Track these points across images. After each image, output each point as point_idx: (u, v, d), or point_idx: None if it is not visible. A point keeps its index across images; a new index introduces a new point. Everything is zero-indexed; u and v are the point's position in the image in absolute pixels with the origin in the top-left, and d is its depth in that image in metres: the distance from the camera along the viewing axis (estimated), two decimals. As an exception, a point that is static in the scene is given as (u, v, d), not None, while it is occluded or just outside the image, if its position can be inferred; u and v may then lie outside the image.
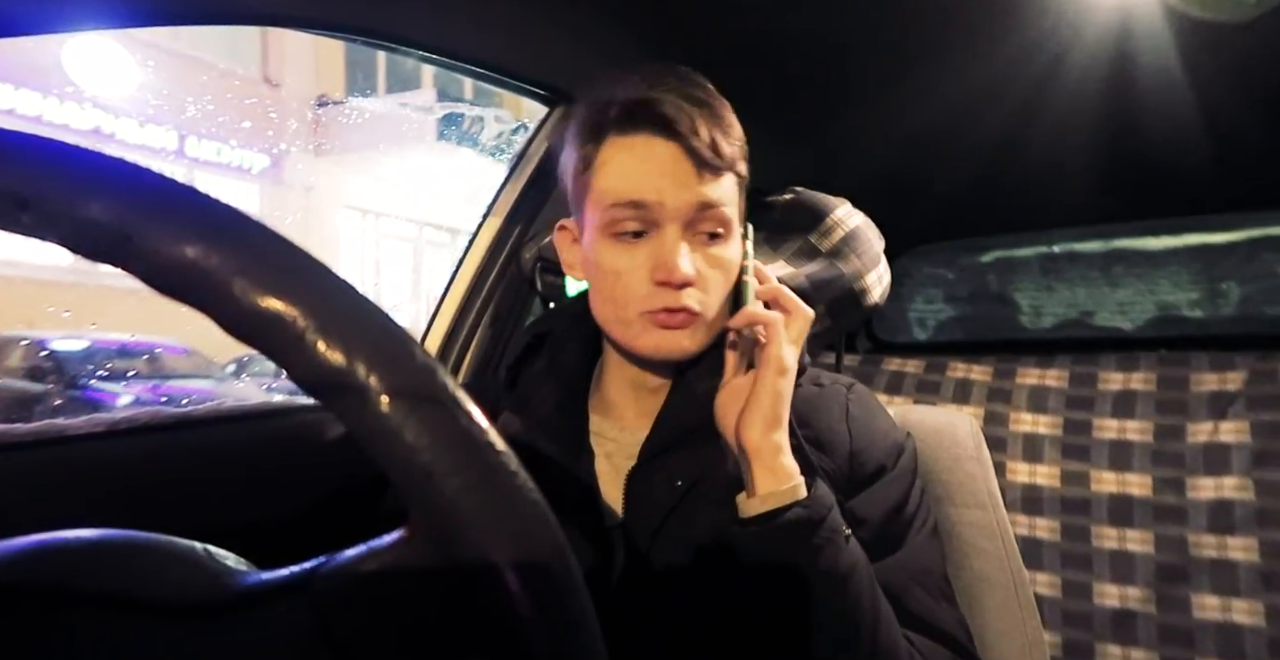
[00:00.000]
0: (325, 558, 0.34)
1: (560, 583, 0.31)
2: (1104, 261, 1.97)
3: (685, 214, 0.84)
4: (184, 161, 10.07)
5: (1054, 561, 1.40)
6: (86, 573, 0.33)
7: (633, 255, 0.86)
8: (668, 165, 0.84)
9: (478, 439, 0.30)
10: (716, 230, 0.86)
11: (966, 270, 2.17)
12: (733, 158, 0.86)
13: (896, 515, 0.90)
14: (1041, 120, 1.47)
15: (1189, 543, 1.31)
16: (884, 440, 0.94)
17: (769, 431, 0.80)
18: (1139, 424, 1.42)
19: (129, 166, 0.29)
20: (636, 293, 0.86)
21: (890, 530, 0.90)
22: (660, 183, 0.83)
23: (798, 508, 0.77)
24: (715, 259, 0.87)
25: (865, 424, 0.94)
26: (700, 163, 0.83)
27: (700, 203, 0.84)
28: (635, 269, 0.85)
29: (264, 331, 0.28)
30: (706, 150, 0.83)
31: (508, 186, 1.40)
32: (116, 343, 7.31)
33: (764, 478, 0.79)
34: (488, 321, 1.42)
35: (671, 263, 0.83)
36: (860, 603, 0.78)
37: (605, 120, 0.86)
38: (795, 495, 0.78)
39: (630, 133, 0.85)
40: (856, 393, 0.99)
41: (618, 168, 0.86)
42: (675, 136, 0.83)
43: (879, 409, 0.99)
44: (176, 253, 0.28)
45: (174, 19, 0.87)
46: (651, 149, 0.84)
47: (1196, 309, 1.87)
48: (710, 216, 0.85)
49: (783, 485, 0.79)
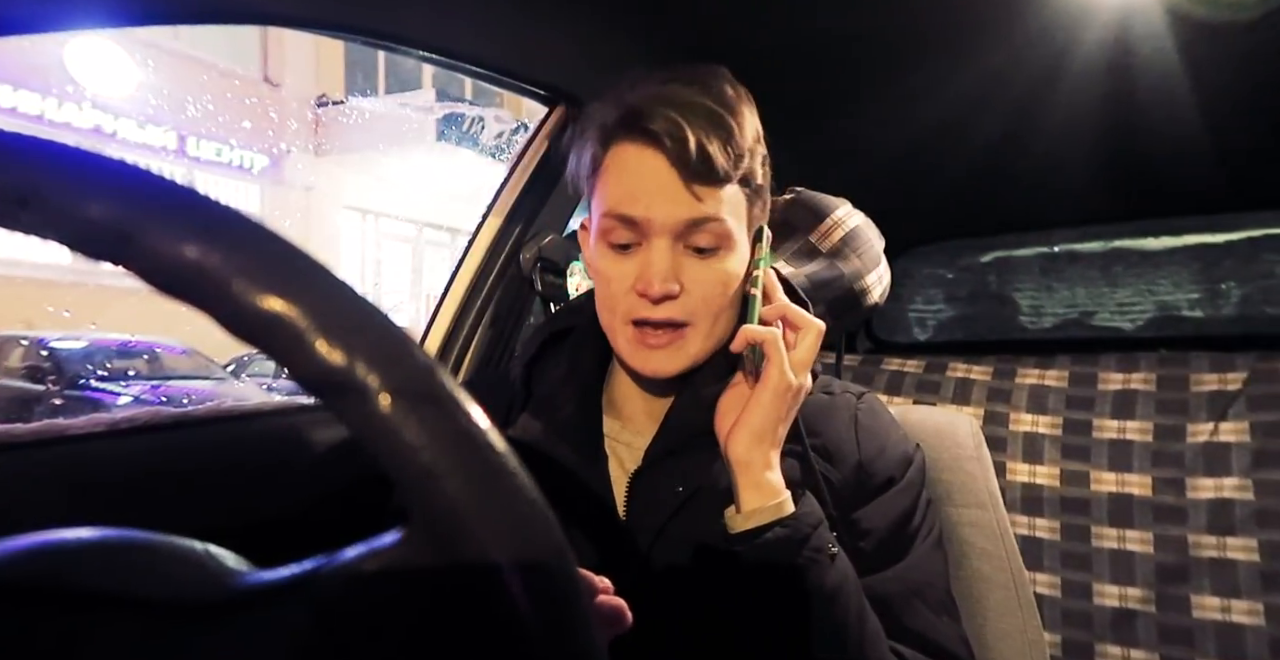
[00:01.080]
0: (325, 557, 0.34)
1: (561, 583, 0.31)
2: (1104, 261, 1.97)
3: (674, 228, 0.83)
4: (184, 161, 10.08)
5: (1054, 561, 1.40)
6: (86, 572, 0.32)
7: (622, 264, 0.85)
8: (656, 178, 0.82)
9: (478, 438, 0.30)
10: (712, 244, 0.84)
11: (966, 270, 2.17)
12: (730, 168, 0.82)
13: (902, 527, 0.90)
14: (1042, 120, 1.47)
15: (1189, 543, 1.31)
16: (893, 451, 0.93)
17: (755, 446, 0.80)
18: (1139, 424, 1.41)
19: (129, 167, 0.29)
20: (621, 301, 0.86)
21: (894, 541, 0.89)
22: (649, 197, 0.82)
23: (778, 527, 0.77)
24: (710, 271, 0.85)
25: (874, 434, 0.93)
26: (691, 175, 0.81)
27: (690, 219, 0.82)
28: (623, 277, 0.85)
29: (264, 331, 0.28)
30: (697, 162, 0.80)
31: (508, 186, 1.40)
32: (116, 343, 7.33)
33: (749, 493, 0.79)
34: (488, 322, 1.42)
35: (649, 276, 0.83)
36: (846, 619, 0.78)
37: (608, 124, 0.85)
38: (779, 513, 0.78)
39: (626, 141, 0.84)
40: (867, 403, 0.97)
41: (614, 177, 0.85)
42: (662, 148, 0.81)
43: (889, 419, 0.98)
44: (177, 252, 0.28)
45: (174, 18, 0.87)
46: (643, 160, 0.83)
47: (1196, 309, 1.87)
48: (704, 230, 0.83)
49: (767, 501, 0.78)
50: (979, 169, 1.72)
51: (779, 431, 0.82)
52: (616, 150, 0.85)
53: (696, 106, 0.82)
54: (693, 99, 0.82)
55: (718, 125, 0.82)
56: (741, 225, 0.87)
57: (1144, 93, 1.34)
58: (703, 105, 0.82)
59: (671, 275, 0.83)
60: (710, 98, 0.83)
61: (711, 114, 0.82)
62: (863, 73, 1.40)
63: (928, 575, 0.89)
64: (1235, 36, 1.17)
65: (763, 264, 0.90)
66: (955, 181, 1.78)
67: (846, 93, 1.48)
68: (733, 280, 0.86)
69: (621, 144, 0.84)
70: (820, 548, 0.78)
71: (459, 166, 10.93)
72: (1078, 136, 1.53)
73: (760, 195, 0.90)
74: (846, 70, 1.39)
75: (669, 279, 0.83)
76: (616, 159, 0.85)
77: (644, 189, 0.82)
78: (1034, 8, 1.16)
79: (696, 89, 0.83)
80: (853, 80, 1.43)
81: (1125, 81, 1.32)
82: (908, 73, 1.37)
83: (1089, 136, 1.53)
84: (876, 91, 1.45)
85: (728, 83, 0.86)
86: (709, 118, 0.81)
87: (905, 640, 0.85)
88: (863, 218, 1.33)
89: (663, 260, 0.83)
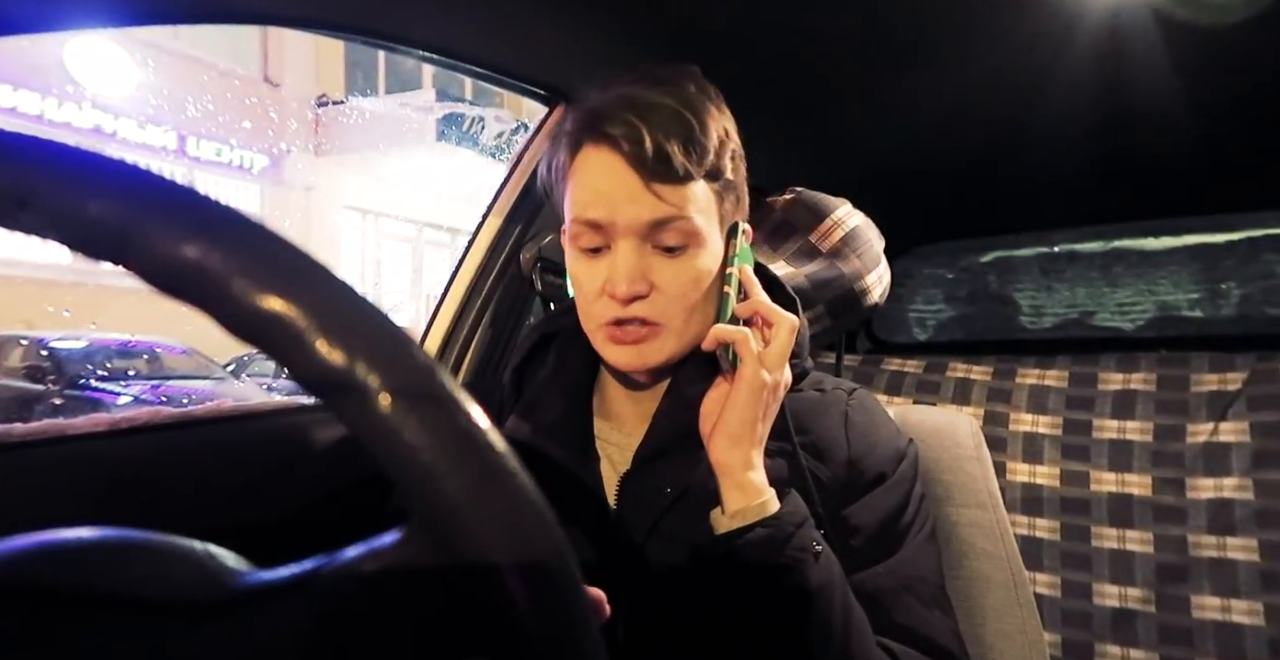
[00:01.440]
0: (326, 557, 0.34)
1: (560, 582, 0.31)
2: (1104, 261, 1.97)
3: (638, 229, 0.83)
4: (184, 161, 10.09)
5: (1054, 561, 1.40)
6: (86, 572, 0.33)
7: (593, 268, 0.86)
8: (617, 180, 0.83)
9: (478, 439, 0.30)
10: (679, 243, 0.85)
11: (966, 270, 2.18)
12: (692, 166, 0.82)
13: (893, 522, 0.90)
14: (1041, 119, 1.47)
15: (1189, 543, 1.31)
16: (884, 448, 0.93)
17: (734, 447, 0.80)
18: (1139, 424, 1.42)
19: (129, 167, 0.29)
20: (594, 303, 0.87)
21: (885, 537, 0.89)
22: (611, 200, 0.83)
23: (760, 527, 0.77)
24: (680, 269, 0.85)
25: (865, 431, 0.93)
26: (651, 175, 0.82)
27: (653, 219, 0.83)
28: (594, 280, 0.86)
29: (264, 331, 0.28)
30: (655, 162, 0.81)
31: (508, 186, 1.40)
32: (116, 342, 7.34)
33: (731, 494, 0.80)
34: (488, 322, 1.42)
35: (615, 278, 0.83)
36: (830, 617, 0.78)
37: (574, 128, 0.86)
38: (762, 512, 0.78)
39: (589, 146, 0.85)
40: (858, 399, 0.97)
41: (578, 181, 0.86)
42: (620, 151, 0.82)
43: (881, 415, 0.98)
44: (176, 252, 0.28)
45: (174, 18, 0.87)
46: (603, 163, 0.83)
47: (1196, 309, 1.87)
48: (670, 229, 0.84)
49: (750, 502, 0.79)
50: (979, 168, 1.72)
51: (759, 430, 0.82)
52: (581, 155, 0.86)
53: (657, 107, 0.82)
54: (654, 99, 0.83)
55: (678, 124, 0.82)
56: (712, 222, 0.87)
57: (1143, 91, 1.34)
58: (664, 105, 0.82)
59: (638, 276, 0.83)
60: (673, 97, 0.83)
61: (672, 113, 0.82)
62: (862, 72, 1.39)
63: (919, 570, 0.89)
64: (1231, 35, 1.17)
65: (738, 260, 0.90)
66: (955, 181, 1.78)
67: (846, 92, 1.48)
68: (704, 277, 0.87)
69: (585, 149, 0.85)
70: (804, 546, 0.78)
71: (459, 166, 10.94)
72: (1077, 135, 1.53)
73: (732, 191, 0.90)
74: (846, 69, 1.39)
75: (635, 280, 0.83)
76: (581, 164, 0.86)
77: (606, 192, 0.83)
78: (1031, 8, 1.16)
79: (660, 90, 0.84)
80: (852, 79, 1.43)
81: (1124, 80, 1.32)
82: (907, 72, 1.37)
83: (1088, 135, 1.53)
84: (876, 91, 1.45)
85: (692, 81, 0.87)
86: (670, 117, 0.82)
87: (896, 635, 0.85)
88: (863, 218, 1.34)
89: (627, 262, 0.83)
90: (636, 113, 0.81)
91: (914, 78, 1.38)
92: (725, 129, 0.87)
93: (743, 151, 0.91)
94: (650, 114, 0.81)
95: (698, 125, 0.83)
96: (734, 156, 0.89)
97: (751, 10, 1.21)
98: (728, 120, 0.88)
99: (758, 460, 0.81)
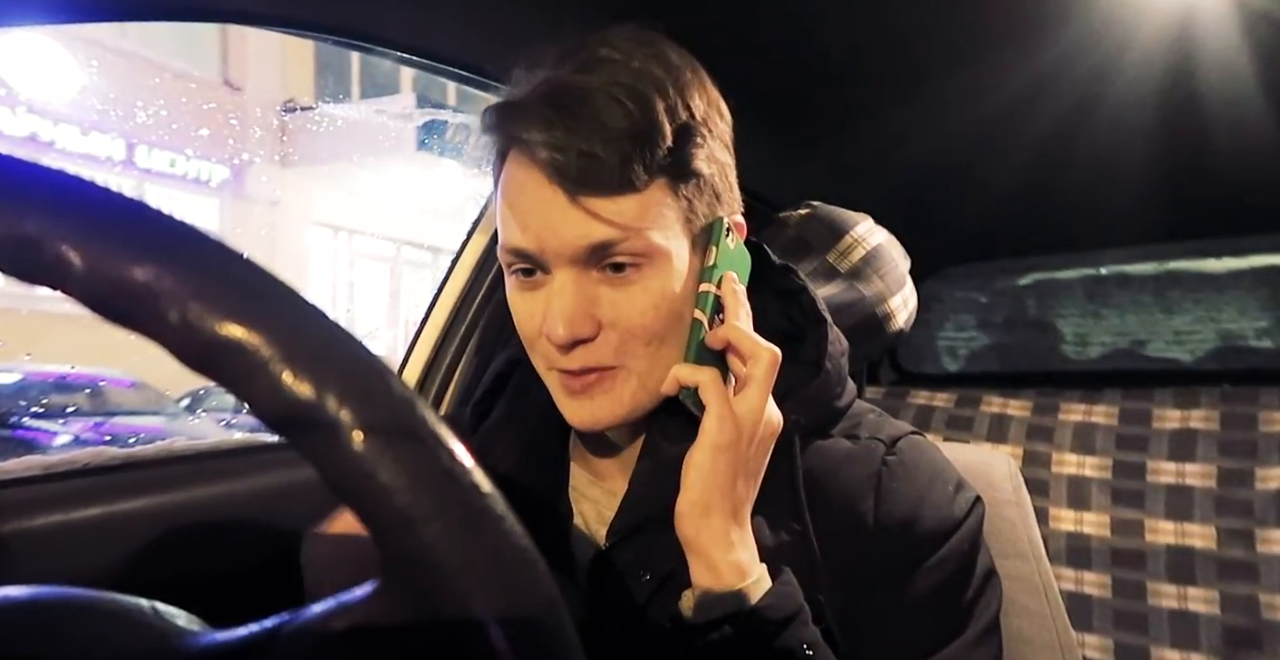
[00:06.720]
0: (288, 615, 0.34)
1: (552, 640, 0.30)
2: (1158, 285, 1.97)
3: (572, 256, 0.73)
4: (133, 173, 10.11)
5: (1105, 622, 1.39)
6: (14, 636, 0.32)
7: (530, 300, 0.77)
8: (538, 198, 0.72)
9: (461, 480, 0.30)
10: (629, 262, 0.74)
11: (1002, 294, 2.18)
12: (638, 169, 0.71)
13: (936, 613, 0.79)
14: (1089, 128, 1.48)
15: (1260, 603, 1.30)
16: (931, 517, 0.80)
17: (701, 519, 0.71)
18: (1200, 467, 1.41)
19: (69, 178, 0.29)
20: (536, 344, 0.79)
21: (923, 630, 0.79)
22: (535, 224, 0.73)
23: (728, 625, 0.68)
24: (632, 297, 0.74)
25: (904, 496, 0.80)
26: (579, 189, 0.71)
27: (590, 244, 0.72)
28: (532, 316, 0.77)
29: (222, 361, 0.28)
30: (581, 173, 0.70)
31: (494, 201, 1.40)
32: (54, 375, 7.30)
33: (700, 575, 0.71)
34: (472, 350, 1.42)
35: (551, 320, 0.73)
36: None
37: (490, 127, 0.77)
38: (737, 604, 0.69)
39: (511, 152, 0.76)
40: (900, 454, 0.83)
41: (503, 199, 0.77)
42: (538, 161, 0.71)
43: (931, 473, 0.83)
44: (123, 274, 0.28)
45: (125, 15, 0.87)
46: (523, 178, 0.74)
47: (1265, 338, 1.87)
48: (616, 251, 0.72)
49: (725, 587, 0.70)
50: (1017, 182, 1.72)
51: (737, 493, 0.72)
52: (505, 166, 0.77)
53: (586, 95, 0.71)
54: (582, 84, 0.71)
55: (614, 115, 0.70)
56: (674, 232, 0.75)
57: (1208, 97, 1.34)
58: (595, 91, 0.71)
59: (580, 314, 0.73)
60: (609, 76, 0.72)
61: (605, 102, 0.70)
62: (889, 79, 1.40)
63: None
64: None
65: (718, 271, 0.78)
66: (990, 196, 1.79)
67: (871, 101, 1.49)
68: (665, 302, 0.75)
69: (509, 158, 0.76)
70: (790, 649, 0.68)
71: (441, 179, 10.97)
72: (1130, 146, 1.53)
73: (705, 184, 0.77)
74: (870, 76, 1.40)
75: (576, 321, 0.73)
76: (505, 177, 0.77)
77: (527, 214, 0.73)
78: (1083, 5, 1.17)
79: (596, 70, 0.72)
80: (876, 87, 1.44)
81: (1186, 85, 1.32)
82: (938, 78, 1.37)
83: (1143, 146, 1.53)
84: (904, 99, 1.46)
85: (643, 47, 0.75)
86: (602, 108, 0.70)
87: None
88: (886, 235, 1.34)
89: (564, 299, 0.73)
90: (557, 107, 0.70)
91: (947, 84, 1.39)
92: (688, 106, 0.75)
93: (723, 124, 0.80)
94: (577, 107, 0.70)
95: (641, 113, 0.71)
96: (704, 138, 0.76)
97: (770, 17, 1.21)
98: (696, 90, 0.77)
99: (738, 534, 0.72)
